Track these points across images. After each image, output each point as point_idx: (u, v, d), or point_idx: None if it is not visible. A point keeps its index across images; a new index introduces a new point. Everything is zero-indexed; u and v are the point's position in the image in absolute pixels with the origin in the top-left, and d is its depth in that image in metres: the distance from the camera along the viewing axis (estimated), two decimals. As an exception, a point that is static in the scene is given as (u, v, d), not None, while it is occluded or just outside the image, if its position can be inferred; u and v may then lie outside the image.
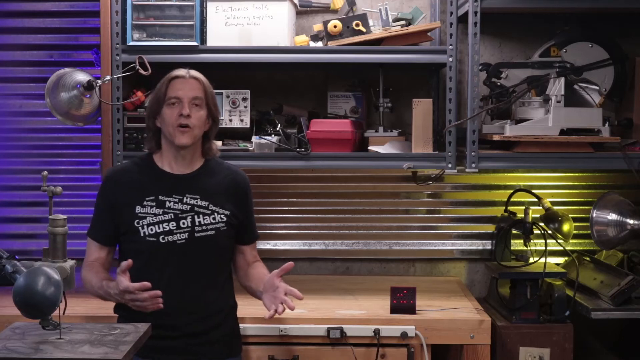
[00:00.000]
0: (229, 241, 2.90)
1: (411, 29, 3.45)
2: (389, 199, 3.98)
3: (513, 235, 3.73)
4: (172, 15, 3.38)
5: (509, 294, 3.45)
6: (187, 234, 2.80)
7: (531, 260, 3.49)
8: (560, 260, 3.85)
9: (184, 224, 2.80)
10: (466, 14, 3.36)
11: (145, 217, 2.79)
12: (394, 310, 3.21)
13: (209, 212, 2.83)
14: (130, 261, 2.63)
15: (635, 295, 3.30)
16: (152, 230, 2.78)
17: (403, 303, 3.20)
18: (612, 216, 3.43)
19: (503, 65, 3.62)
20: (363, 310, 3.25)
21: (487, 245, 3.92)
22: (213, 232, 2.83)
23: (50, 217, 2.59)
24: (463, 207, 3.99)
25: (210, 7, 3.41)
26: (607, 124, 3.39)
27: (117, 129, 3.39)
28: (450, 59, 3.35)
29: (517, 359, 3.30)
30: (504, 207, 3.79)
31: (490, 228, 3.93)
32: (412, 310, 3.20)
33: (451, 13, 3.35)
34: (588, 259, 3.72)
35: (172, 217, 2.80)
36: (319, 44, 3.49)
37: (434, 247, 4.00)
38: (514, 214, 3.72)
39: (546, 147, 3.35)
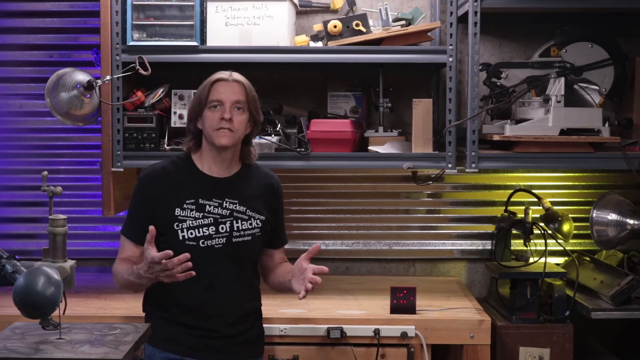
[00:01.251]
0: (262, 246, 2.89)
1: (411, 29, 3.45)
2: (389, 199, 3.98)
3: (513, 235, 3.73)
4: (172, 15, 3.38)
5: (509, 294, 3.45)
6: (224, 239, 2.78)
7: (531, 260, 3.49)
8: (560, 260, 3.85)
9: (222, 228, 2.78)
10: (466, 14, 3.36)
11: (185, 220, 2.75)
12: (394, 310, 3.21)
13: (247, 217, 2.81)
14: (153, 228, 2.57)
15: (635, 295, 3.30)
16: (191, 234, 2.75)
17: (403, 303, 3.20)
18: (612, 216, 3.43)
19: (503, 65, 3.62)
20: (363, 310, 3.25)
21: (487, 245, 3.92)
22: (249, 237, 2.81)
23: (50, 217, 2.58)
24: (463, 207, 3.99)
25: (210, 7, 3.41)
26: (607, 124, 3.39)
27: (117, 129, 3.39)
28: (450, 59, 3.35)
29: (517, 359, 3.30)
30: (504, 207, 3.79)
31: (490, 228, 3.93)
32: (412, 310, 3.20)
33: (451, 13, 3.35)
34: (588, 259, 3.72)
35: (212, 221, 2.77)
36: (319, 44, 3.49)
37: (434, 247, 4.00)
38: (514, 214, 3.72)
39: (546, 147, 3.35)
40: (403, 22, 3.52)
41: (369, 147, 3.48)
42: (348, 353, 3.10)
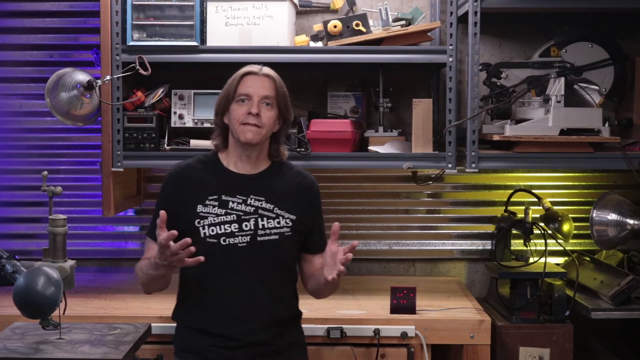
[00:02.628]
0: (294, 247, 2.70)
1: (411, 29, 3.45)
2: (389, 199, 3.98)
3: (513, 235, 3.73)
4: (172, 15, 3.38)
5: (509, 294, 3.45)
6: (249, 237, 2.64)
7: (531, 260, 3.49)
8: (560, 260, 3.85)
9: (246, 226, 2.64)
10: (466, 14, 3.36)
11: (206, 217, 2.63)
12: (394, 310, 3.21)
13: (274, 215, 2.67)
14: (164, 213, 2.44)
15: (635, 295, 3.30)
16: (212, 231, 2.63)
17: (403, 303, 3.20)
18: (612, 216, 3.43)
19: (503, 65, 3.62)
20: (363, 310, 3.25)
21: (487, 245, 3.92)
22: (276, 236, 2.66)
23: (50, 217, 2.59)
24: (463, 207, 3.99)
25: (210, 7, 3.41)
26: (607, 124, 3.39)
27: (117, 129, 3.39)
28: (450, 59, 3.35)
29: (517, 359, 3.30)
30: (504, 207, 3.79)
31: (490, 228, 3.93)
32: (412, 310, 3.20)
33: (451, 13, 3.35)
34: (588, 259, 3.72)
35: (235, 218, 2.64)
36: (319, 44, 3.49)
37: (434, 247, 4.00)
38: (514, 214, 3.72)
39: (546, 147, 3.35)
40: (403, 22, 3.52)
41: (369, 147, 3.48)
42: (348, 353, 3.10)
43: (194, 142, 3.47)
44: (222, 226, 2.64)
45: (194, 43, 3.37)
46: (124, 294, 3.52)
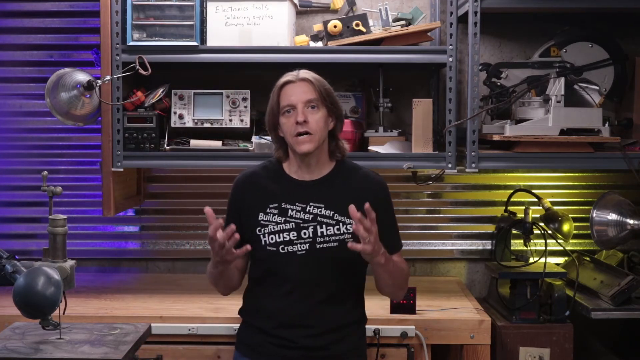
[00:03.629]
0: (357, 253, 2.51)
1: (411, 29, 3.45)
2: (389, 199, 3.98)
3: (513, 235, 3.73)
4: (172, 15, 3.38)
5: (509, 294, 3.45)
6: (307, 244, 2.62)
7: (531, 260, 3.49)
8: (560, 260, 3.86)
9: (305, 234, 2.63)
10: (466, 14, 3.36)
11: (267, 225, 2.64)
12: (394, 310, 3.21)
13: (334, 222, 2.64)
14: (209, 209, 2.43)
15: (635, 295, 3.30)
16: (272, 239, 2.63)
17: (403, 303, 3.20)
18: (612, 216, 3.43)
19: (503, 65, 3.62)
20: (363, 310, 3.24)
21: (487, 245, 3.92)
22: (336, 243, 2.62)
23: (50, 217, 2.59)
24: (463, 207, 3.99)
25: (210, 7, 3.41)
26: (607, 124, 3.39)
27: (117, 129, 3.39)
28: (450, 59, 3.35)
29: (517, 359, 3.30)
30: (504, 207, 3.79)
31: (490, 228, 3.93)
32: (412, 310, 3.20)
33: (451, 13, 3.35)
34: (588, 259, 3.72)
35: (293, 226, 2.64)
36: (319, 44, 3.49)
37: (434, 247, 4.00)
38: (514, 214, 3.72)
39: (546, 147, 3.35)
40: (403, 22, 3.52)
41: (369, 147, 3.48)
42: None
43: (194, 142, 3.47)
44: (281, 234, 2.64)
45: (194, 43, 3.37)
46: (124, 294, 3.52)
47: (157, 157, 3.45)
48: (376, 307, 3.28)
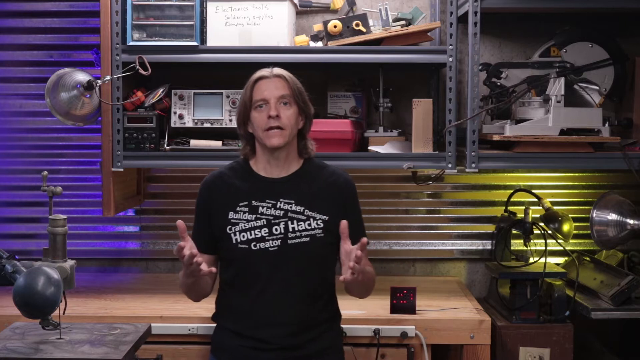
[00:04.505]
0: (328, 248, 2.67)
1: (411, 29, 3.45)
2: (389, 199, 3.98)
3: (513, 235, 3.73)
4: (172, 15, 3.38)
5: (509, 294, 3.45)
6: (279, 240, 2.65)
7: (531, 260, 3.49)
8: (560, 260, 3.86)
9: (276, 230, 2.65)
10: (466, 14, 3.36)
11: (238, 224, 2.66)
12: (394, 310, 3.21)
13: (304, 217, 2.67)
14: (181, 223, 2.46)
15: (635, 295, 3.30)
16: (243, 237, 2.65)
17: (403, 303, 3.20)
18: (612, 216, 3.43)
19: (503, 65, 3.62)
20: (363, 310, 3.24)
21: (487, 245, 3.92)
22: (307, 238, 2.66)
23: (50, 217, 2.59)
24: (463, 207, 3.99)
25: (210, 7, 3.41)
26: (607, 124, 3.39)
27: (117, 129, 3.39)
28: (450, 59, 3.35)
29: (517, 359, 3.30)
30: (504, 207, 3.79)
31: (490, 228, 3.93)
32: (412, 310, 3.20)
33: (451, 13, 3.35)
34: (588, 259, 3.72)
35: (265, 223, 2.66)
36: (319, 44, 3.49)
37: (434, 247, 4.00)
38: (514, 214, 3.72)
39: (546, 147, 3.35)
40: (403, 22, 3.52)
41: (369, 147, 3.48)
42: (348, 353, 3.10)
43: (194, 142, 3.47)
44: (252, 231, 2.66)
45: (194, 43, 3.37)
46: (124, 294, 3.53)
47: (157, 157, 3.45)
48: (376, 307, 3.29)
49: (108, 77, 3.34)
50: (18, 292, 2.35)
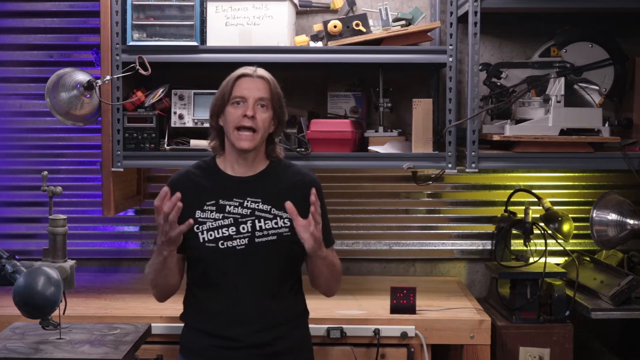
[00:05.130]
0: (294, 246, 2.64)
1: (411, 29, 3.45)
2: (389, 199, 3.98)
3: (513, 235, 3.73)
4: (172, 15, 3.38)
5: (509, 294, 3.45)
6: (246, 239, 2.65)
7: (531, 260, 3.49)
8: (560, 260, 3.86)
9: (243, 228, 2.65)
10: (466, 14, 3.36)
11: (205, 222, 2.66)
12: (394, 310, 3.21)
13: (271, 216, 2.67)
14: (166, 189, 2.50)
15: (635, 295, 3.30)
16: (211, 235, 2.65)
17: (403, 303, 3.20)
18: (612, 216, 3.43)
19: (503, 65, 3.62)
20: (363, 310, 3.25)
21: (487, 245, 3.92)
22: (274, 237, 2.66)
23: (50, 217, 2.59)
24: (463, 207, 3.99)
25: (210, 7, 3.41)
26: (607, 124, 3.39)
27: (117, 129, 3.39)
28: (450, 59, 3.35)
29: (517, 359, 3.30)
30: (504, 207, 3.79)
31: (490, 228, 3.93)
32: (412, 310, 3.20)
33: (451, 13, 3.35)
34: (588, 259, 3.72)
35: (232, 221, 2.66)
36: (319, 44, 3.49)
37: (434, 247, 4.00)
38: (514, 214, 3.72)
39: (546, 147, 3.35)
40: (403, 22, 3.52)
41: (369, 147, 3.48)
42: (348, 353, 3.10)
43: (194, 142, 3.47)
44: (219, 230, 2.66)
45: (194, 43, 3.37)
46: (124, 294, 3.52)
47: (157, 157, 3.45)
48: (376, 307, 3.29)
49: (108, 77, 3.34)
50: (18, 292, 2.35)
